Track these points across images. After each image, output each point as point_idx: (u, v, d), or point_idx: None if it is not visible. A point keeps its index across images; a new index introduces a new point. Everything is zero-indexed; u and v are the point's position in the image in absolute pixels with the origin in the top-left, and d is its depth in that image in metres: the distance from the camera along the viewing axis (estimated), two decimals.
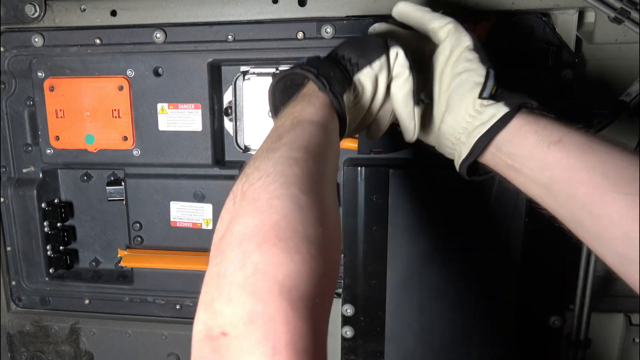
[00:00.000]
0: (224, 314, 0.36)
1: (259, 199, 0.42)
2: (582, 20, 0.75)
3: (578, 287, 0.79)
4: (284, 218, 0.40)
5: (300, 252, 0.38)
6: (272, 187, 0.42)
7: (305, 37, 0.76)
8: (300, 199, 0.41)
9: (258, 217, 0.40)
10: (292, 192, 0.41)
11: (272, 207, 0.40)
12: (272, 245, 0.38)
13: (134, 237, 0.88)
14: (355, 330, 0.83)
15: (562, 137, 0.50)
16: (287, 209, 0.40)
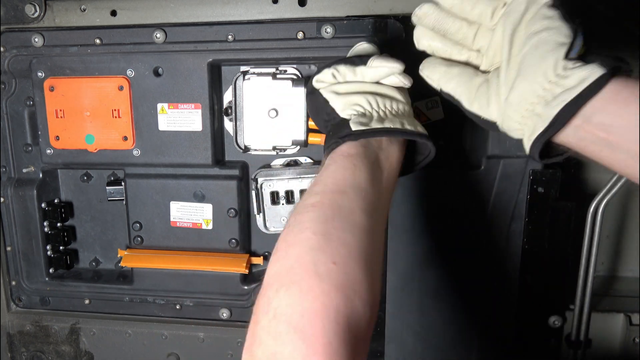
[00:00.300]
0: (256, 356, 0.40)
1: (279, 248, 0.46)
2: None
3: (578, 287, 0.79)
4: (297, 261, 0.43)
5: (312, 291, 0.41)
6: (290, 235, 0.46)
7: (305, 37, 0.76)
8: (312, 240, 0.44)
9: (277, 265, 0.44)
10: (305, 236, 0.45)
11: (288, 254, 0.45)
12: (287, 289, 0.42)
13: (134, 237, 0.88)
14: None
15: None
16: (300, 253, 0.44)
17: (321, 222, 0.46)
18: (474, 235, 0.78)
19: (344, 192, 0.49)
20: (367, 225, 0.48)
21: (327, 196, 0.49)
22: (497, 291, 0.79)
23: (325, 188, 0.50)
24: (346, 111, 0.57)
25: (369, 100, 0.57)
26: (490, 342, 0.81)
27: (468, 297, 0.80)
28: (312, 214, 0.47)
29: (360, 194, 0.50)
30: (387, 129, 0.54)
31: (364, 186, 0.50)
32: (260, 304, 0.43)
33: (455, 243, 0.79)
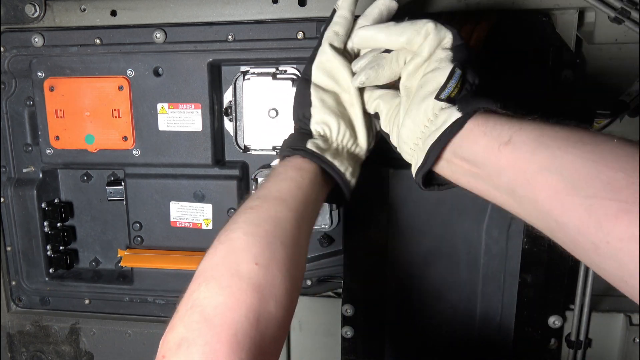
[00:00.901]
0: (167, 340, 0.45)
1: (212, 245, 0.50)
2: (582, 20, 0.74)
3: (578, 287, 0.79)
4: (222, 259, 0.48)
5: (230, 287, 0.45)
6: (223, 234, 0.50)
7: (305, 37, 0.76)
8: (240, 241, 0.49)
9: (205, 261, 0.49)
10: (235, 235, 0.49)
11: (217, 252, 0.49)
12: (207, 284, 0.46)
13: (134, 237, 0.88)
14: (355, 330, 0.83)
15: (512, 136, 0.45)
16: (227, 251, 0.49)
17: (254, 224, 0.51)
18: (474, 235, 0.78)
19: (283, 201, 0.54)
20: (296, 235, 0.52)
21: (267, 201, 0.53)
22: (497, 291, 0.79)
23: (267, 194, 0.54)
24: (317, 125, 0.61)
25: (340, 127, 0.60)
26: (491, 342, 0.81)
27: (468, 297, 0.80)
28: (248, 215, 0.52)
29: (298, 206, 0.54)
30: (332, 167, 0.59)
31: (301, 199, 0.55)
32: (184, 297, 0.47)
33: (455, 243, 0.79)
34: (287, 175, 0.57)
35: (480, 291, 0.79)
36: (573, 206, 0.40)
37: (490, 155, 0.47)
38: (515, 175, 0.45)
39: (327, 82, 0.61)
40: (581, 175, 0.40)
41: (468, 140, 0.49)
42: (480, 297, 0.79)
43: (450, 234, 0.78)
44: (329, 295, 0.90)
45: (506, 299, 0.79)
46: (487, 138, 0.47)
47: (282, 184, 0.55)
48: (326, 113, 0.60)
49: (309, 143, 0.59)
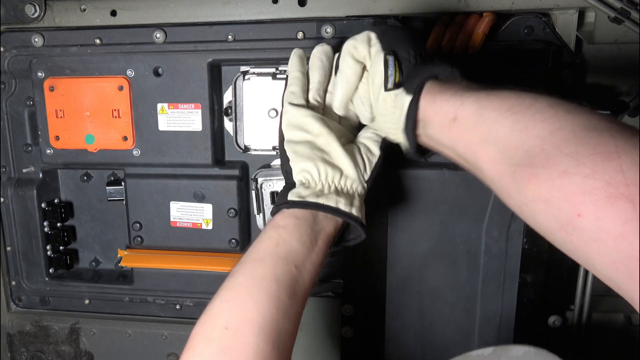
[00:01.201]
0: None
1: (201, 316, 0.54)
2: (582, 20, 0.75)
3: (578, 287, 0.79)
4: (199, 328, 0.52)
5: (202, 355, 0.49)
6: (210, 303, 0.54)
7: (305, 37, 0.76)
8: (216, 309, 0.53)
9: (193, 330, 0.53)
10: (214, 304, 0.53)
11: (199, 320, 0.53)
12: (185, 353, 0.51)
13: (134, 237, 0.88)
14: (355, 330, 0.83)
15: (457, 112, 0.49)
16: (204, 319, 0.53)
17: (231, 289, 0.53)
18: (474, 235, 0.78)
19: (261, 261, 0.55)
20: (277, 294, 0.53)
21: (246, 265, 0.55)
22: (497, 291, 0.79)
23: (247, 257, 0.56)
24: (298, 175, 0.61)
25: (319, 168, 0.60)
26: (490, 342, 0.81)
27: (468, 297, 0.80)
28: (228, 282, 0.54)
29: (278, 263, 0.54)
30: (319, 205, 0.58)
31: (283, 257, 0.55)
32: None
33: (455, 243, 0.79)
34: (265, 235, 0.58)
35: (480, 291, 0.79)
36: (504, 173, 0.44)
37: (445, 132, 0.52)
38: (465, 147, 0.50)
39: (298, 135, 0.62)
40: (510, 145, 0.43)
41: (425, 119, 0.54)
42: (480, 297, 0.79)
43: (450, 234, 0.78)
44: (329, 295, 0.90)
45: (506, 299, 0.79)
46: (439, 117, 0.52)
47: (260, 245, 0.57)
48: (302, 161, 0.61)
49: (290, 194, 0.60)
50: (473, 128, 0.48)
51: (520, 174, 0.42)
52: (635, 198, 0.33)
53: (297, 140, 0.62)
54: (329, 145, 0.61)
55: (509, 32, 0.73)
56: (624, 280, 0.35)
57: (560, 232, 0.39)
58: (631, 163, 0.34)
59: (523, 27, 0.73)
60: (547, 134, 0.41)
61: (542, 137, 0.41)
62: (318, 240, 0.58)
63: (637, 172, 0.34)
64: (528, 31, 0.73)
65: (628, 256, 0.34)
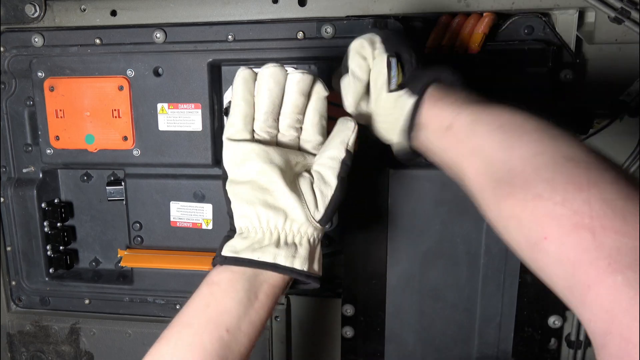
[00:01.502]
0: None
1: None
2: (582, 20, 0.75)
3: None
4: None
5: None
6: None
7: (305, 37, 0.76)
8: None
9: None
10: None
11: None
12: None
13: (134, 237, 0.88)
14: (355, 330, 0.83)
15: (453, 122, 0.50)
16: None
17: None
18: (474, 235, 0.78)
19: (189, 325, 0.51)
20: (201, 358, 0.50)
21: (173, 329, 0.52)
22: (497, 291, 0.79)
23: (176, 320, 0.53)
24: (238, 221, 0.57)
25: (259, 214, 0.55)
26: (490, 342, 0.81)
27: (468, 297, 0.80)
28: (152, 350, 0.51)
29: (207, 328, 0.51)
30: (253, 262, 0.54)
31: (213, 320, 0.51)
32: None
33: (455, 243, 0.79)
34: (197, 294, 0.54)
35: (480, 291, 0.79)
36: (486, 187, 0.46)
37: (437, 137, 0.52)
38: (454, 156, 0.51)
39: (240, 174, 0.57)
40: (495, 160, 0.45)
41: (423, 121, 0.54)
42: (480, 297, 0.80)
43: (450, 234, 0.78)
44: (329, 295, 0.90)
45: (506, 299, 0.79)
46: (435, 122, 0.52)
47: (190, 306, 0.53)
48: (242, 205, 0.56)
49: (225, 248, 0.56)
50: (464, 139, 0.49)
51: (500, 190, 0.44)
52: (596, 230, 0.35)
53: (239, 180, 0.57)
54: (272, 183, 0.55)
55: (509, 32, 0.73)
56: (576, 306, 0.38)
57: (528, 251, 0.41)
58: (599, 197, 0.37)
59: (523, 27, 0.73)
60: (530, 156, 0.42)
61: (525, 158, 0.43)
62: (259, 294, 0.53)
63: (602, 205, 0.36)
64: (528, 31, 0.73)
65: (581, 283, 0.36)
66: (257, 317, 0.53)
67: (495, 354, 0.81)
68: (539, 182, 0.40)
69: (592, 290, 0.35)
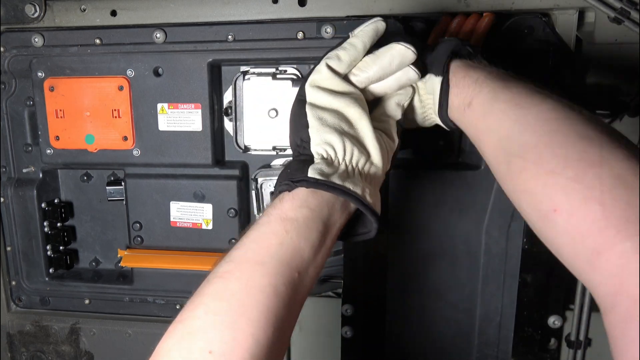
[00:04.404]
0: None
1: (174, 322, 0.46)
2: (582, 20, 0.74)
3: (578, 287, 0.79)
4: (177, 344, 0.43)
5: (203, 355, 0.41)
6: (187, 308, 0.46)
7: (305, 37, 0.76)
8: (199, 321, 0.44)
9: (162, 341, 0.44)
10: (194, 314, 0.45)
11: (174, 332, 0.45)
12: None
13: (134, 237, 0.88)
14: (355, 330, 0.83)
15: (473, 99, 0.52)
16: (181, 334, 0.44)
17: (219, 298, 0.44)
18: (474, 235, 0.78)
19: (261, 264, 0.45)
20: (275, 311, 0.44)
21: (241, 266, 0.46)
22: (497, 291, 0.79)
23: (243, 255, 0.47)
24: (318, 147, 0.52)
25: (345, 145, 0.51)
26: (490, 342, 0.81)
27: (468, 297, 0.80)
28: (216, 286, 0.45)
29: (280, 270, 0.46)
30: (345, 190, 0.49)
31: (287, 261, 0.46)
32: None
33: (455, 243, 0.79)
34: (269, 229, 0.48)
35: (480, 291, 0.79)
36: (500, 161, 0.48)
37: (459, 114, 0.55)
38: (474, 132, 0.53)
39: (326, 99, 0.53)
40: (510, 136, 0.47)
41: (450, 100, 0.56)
42: (480, 297, 0.80)
43: (450, 234, 0.78)
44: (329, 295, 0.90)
45: (506, 299, 0.79)
46: (458, 99, 0.55)
47: (262, 242, 0.47)
48: (327, 132, 0.51)
49: (311, 169, 0.49)
50: (483, 116, 0.51)
51: (514, 165, 0.46)
52: (605, 202, 0.37)
53: (323, 105, 0.53)
54: (361, 120, 0.53)
55: (509, 32, 0.73)
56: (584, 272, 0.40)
57: (539, 222, 0.44)
58: (610, 173, 0.39)
59: (523, 27, 0.73)
60: (544, 133, 0.44)
61: (539, 135, 0.45)
62: (327, 239, 0.50)
63: (613, 181, 0.38)
64: (528, 31, 0.73)
65: (590, 250, 0.38)
66: (321, 263, 0.50)
67: (495, 354, 0.81)
68: (552, 158, 0.42)
69: (602, 256, 0.37)
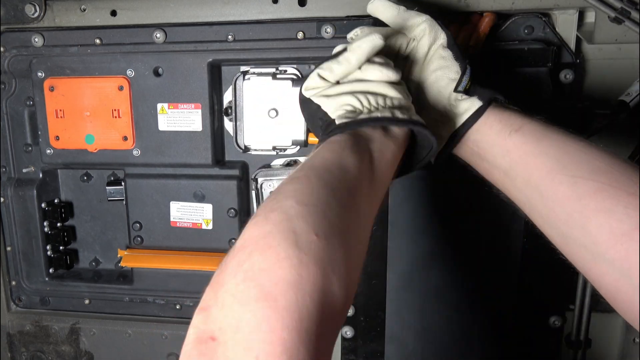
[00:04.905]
0: (216, 319, 0.36)
1: (259, 214, 0.43)
2: (582, 20, 0.75)
3: (578, 287, 0.79)
4: (276, 226, 0.40)
5: (289, 258, 0.37)
6: (271, 203, 0.43)
7: (305, 37, 0.76)
8: (295, 209, 0.42)
9: (254, 229, 0.41)
10: (288, 203, 0.42)
11: (268, 219, 0.41)
12: (261, 253, 0.38)
13: (134, 237, 0.88)
14: (355, 330, 0.83)
15: (523, 125, 0.54)
16: (279, 218, 0.41)
17: (306, 193, 0.43)
18: (474, 235, 0.78)
19: (330, 170, 0.47)
20: (351, 206, 0.46)
21: (314, 171, 0.46)
22: (497, 291, 0.79)
23: (312, 164, 0.47)
24: (337, 112, 0.55)
25: (360, 98, 0.54)
26: (490, 342, 0.81)
27: (468, 297, 0.80)
28: (297, 185, 0.45)
29: (347, 175, 0.47)
30: (373, 118, 0.52)
31: (350, 169, 0.48)
32: (228, 266, 0.39)
33: (456, 243, 0.79)
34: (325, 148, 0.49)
35: (480, 291, 0.79)
36: (560, 182, 0.49)
37: (500, 139, 0.55)
38: (518, 157, 0.53)
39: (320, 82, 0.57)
40: (572, 160, 0.49)
41: (484, 125, 0.57)
42: (480, 297, 0.79)
43: (450, 234, 0.78)
44: None
45: (506, 299, 0.79)
46: (501, 124, 0.56)
47: (325, 155, 0.49)
48: (336, 98, 0.55)
49: (337, 120, 0.53)
50: (536, 140, 0.53)
51: (583, 185, 0.47)
52: None
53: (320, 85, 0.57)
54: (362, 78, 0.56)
55: (509, 32, 0.73)
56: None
57: (612, 241, 0.44)
58: None
59: (523, 27, 0.73)
60: (612, 162, 0.47)
61: (608, 163, 0.47)
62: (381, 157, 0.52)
63: None
64: (528, 31, 0.73)
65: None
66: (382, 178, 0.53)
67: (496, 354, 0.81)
68: (630, 184, 0.45)
69: None
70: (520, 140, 0.54)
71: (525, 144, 0.53)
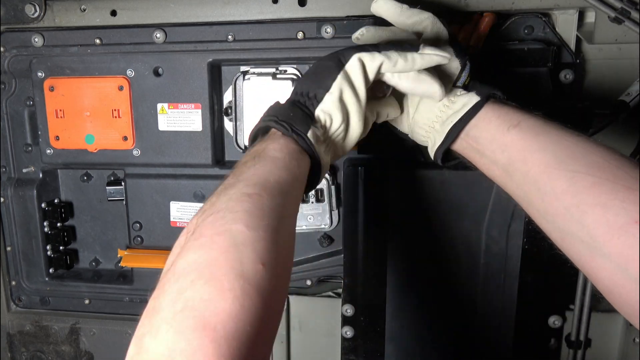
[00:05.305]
0: (148, 349, 0.36)
1: (204, 234, 0.42)
2: (582, 20, 0.75)
3: (578, 287, 0.79)
4: (223, 254, 0.39)
5: (233, 290, 0.37)
6: (218, 223, 0.42)
7: (305, 37, 0.76)
8: (243, 235, 0.41)
9: (198, 253, 0.41)
10: (237, 228, 0.41)
11: (214, 243, 0.40)
12: (205, 283, 0.37)
13: (134, 237, 0.88)
14: (355, 330, 0.83)
15: (521, 121, 0.54)
16: (227, 245, 0.40)
17: (257, 216, 0.43)
18: (474, 235, 0.78)
19: (286, 193, 0.48)
20: (293, 232, 0.50)
21: (268, 192, 0.46)
22: (497, 291, 0.79)
23: (265, 182, 0.47)
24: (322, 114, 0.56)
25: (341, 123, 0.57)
26: (490, 342, 0.81)
27: (468, 297, 0.80)
28: (249, 204, 0.44)
29: (296, 199, 0.51)
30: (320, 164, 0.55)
31: (296, 194, 0.51)
32: (166, 292, 0.39)
33: (455, 243, 0.79)
34: (286, 163, 0.51)
35: (480, 291, 0.79)
36: (558, 177, 0.49)
37: (499, 135, 0.55)
38: (517, 152, 0.53)
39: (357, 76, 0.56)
40: (570, 155, 0.49)
41: (483, 121, 0.57)
42: (480, 297, 0.79)
43: (450, 234, 0.78)
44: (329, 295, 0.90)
45: (506, 299, 0.79)
46: (499, 120, 0.56)
47: (283, 174, 0.49)
48: (337, 107, 0.56)
49: (311, 131, 0.54)
50: (534, 136, 0.53)
51: (580, 180, 0.47)
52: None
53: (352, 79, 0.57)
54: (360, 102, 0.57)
55: (509, 32, 0.73)
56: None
57: (608, 234, 0.44)
58: None
59: (523, 27, 0.73)
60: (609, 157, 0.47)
61: (605, 158, 0.47)
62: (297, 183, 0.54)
63: None
64: (528, 31, 0.73)
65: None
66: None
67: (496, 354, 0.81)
68: (628, 178, 0.45)
69: None
70: (519, 136, 0.54)
71: (524, 139, 0.53)
